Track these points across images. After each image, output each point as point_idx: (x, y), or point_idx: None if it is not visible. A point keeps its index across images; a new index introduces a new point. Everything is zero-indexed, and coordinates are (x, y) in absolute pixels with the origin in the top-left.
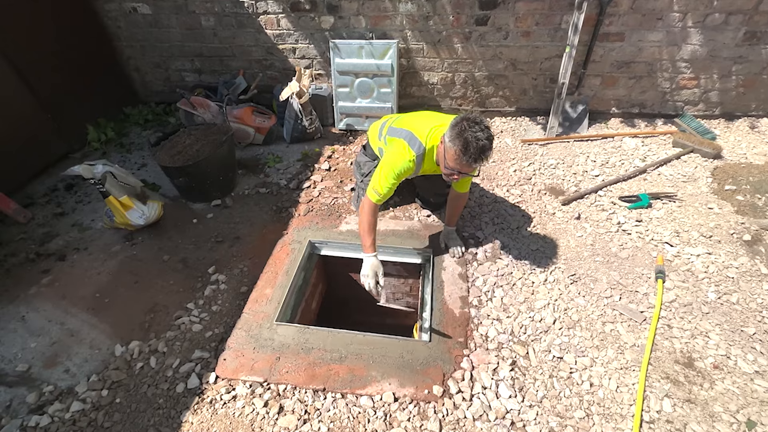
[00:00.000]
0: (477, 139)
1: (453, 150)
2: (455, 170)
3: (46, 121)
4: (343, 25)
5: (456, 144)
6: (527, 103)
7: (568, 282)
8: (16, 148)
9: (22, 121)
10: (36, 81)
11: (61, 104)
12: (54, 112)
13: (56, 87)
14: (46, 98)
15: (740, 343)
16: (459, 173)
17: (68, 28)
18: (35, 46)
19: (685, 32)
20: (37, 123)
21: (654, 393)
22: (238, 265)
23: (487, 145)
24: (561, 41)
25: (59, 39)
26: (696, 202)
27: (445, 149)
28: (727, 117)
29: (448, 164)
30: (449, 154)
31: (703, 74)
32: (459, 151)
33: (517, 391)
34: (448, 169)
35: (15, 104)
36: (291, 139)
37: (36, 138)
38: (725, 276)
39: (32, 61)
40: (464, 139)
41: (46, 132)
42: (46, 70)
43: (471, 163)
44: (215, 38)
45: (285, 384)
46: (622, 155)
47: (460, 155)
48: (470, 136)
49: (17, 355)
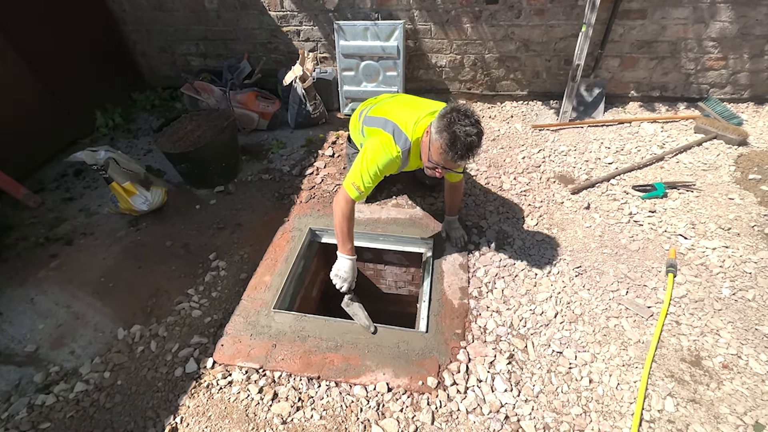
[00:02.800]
0: (466, 134)
1: (439, 143)
2: (439, 165)
3: (56, 108)
4: (347, 5)
5: (443, 137)
6: (540, 86)
7: (573, 274)
8: (26, 134)
9: (32, 108)
10: (45, 69)
11: (70, 90)
12: (63, 98)
13: (64, 73)
14: (55, 85)
15: (753, 342)
16: (443, 168)
17: (75, 15)
18: (44, 35)
19: (714, 8)
20: (46, 110)
21: (656, 391)
22: (238, 251)
23: (476, 141)
24: (577, 20)
25: (67, 26)
26: (716, 192)
27: (431, 141)
28: (757, 101)
29: (432, 157)
30: (434, 147)
31: (732, 54)
32: (445, 145)
33: (513, 385)
34: (432, 162)
35: (25, 92)
36: (295, 124)
37: (46, 124)
38: (742, 271)
39: (41, 50)
40: (452, 132)
41: (55, 118)
42: (55, 57)
43: (457, 159)
44: (219, 21)
45: (280, 371)
46: (639, 142)
47: (446, 149)
48: (459, 129)
49: (26, 336)
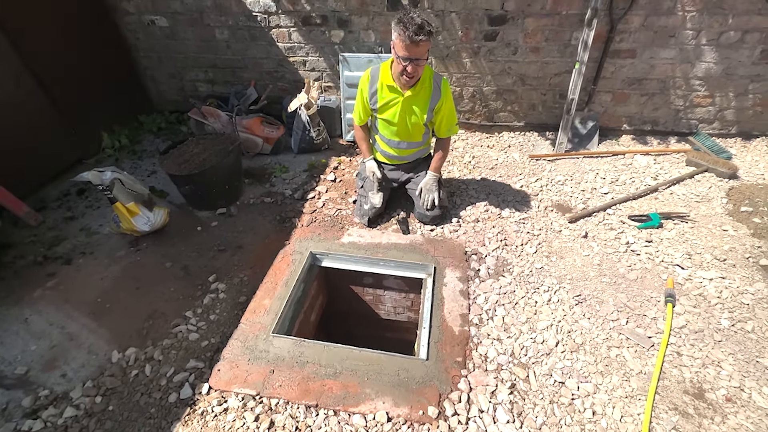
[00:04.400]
0: (411, 18)
1: (396, 35)
2: (406, 58)
3: (63, 128)
4: (352, 39)
5: (397, 28)
6: (536, 118)
7: (573, 303)
8: (32, 152)
9: (40, 127)
10: (58, 92)
11: (78, 111)
12: (71, 119)
13: (75, 95)
14: (64, 106)
15: (755, 375)
16: (410, 60)
17: (89, 42)
18: (58, 58)
19: (698, 50)
20: (55, 131)
21: (661, 425)
22: (238, 274)
23: (422, 22)
24: (571, 57)
25: (81, 52)
26: (710, 223)
27: (393, 42)
28: (744, 136)
29: (398, 54)
30: (396, 44)
31: (718, 92)
32: (401, 33)
33: (515, 417)
34: (399, 59)
35: (35, 112)
36: (298, 149)
37: (53, 144)
38: (740, 302)
39: (54, 72)
40: (401, 21)
41: (62, 138)
42: (68, 81)
43: (413, 37)
44: (228, 50)
45: (278, 398)
46: (633, 173)
47: (402, 35)
48: (405, 17)
49: (17, 357)
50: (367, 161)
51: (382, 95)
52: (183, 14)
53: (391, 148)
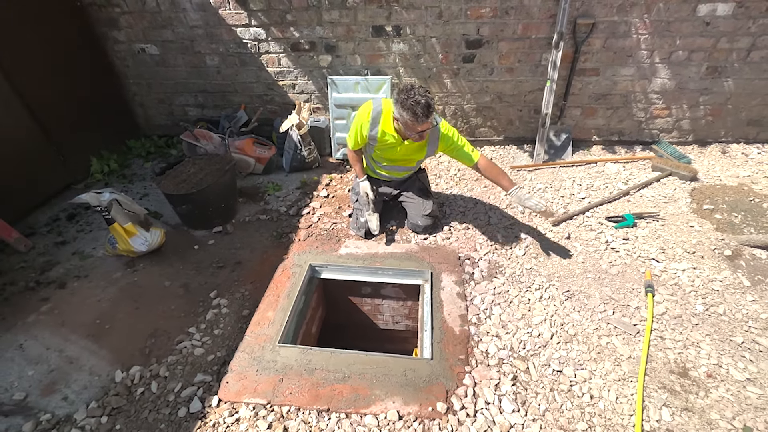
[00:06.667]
0: (416, 102)
1: (405, 119)
2: (418, 132)
3: (53, 154)
4: (340, 63)
5: (406, 114)
6: (514, 132)
7: (563, 298)
8: (21, 178)
9: (30, 154)
10: (46, 118)
11: (68, 138)
12: (60, 145)
13: (64, 122)
14: (53, 132)
15: (730, 352)
16: (422, 132)
17: (78, 68)
18: (47, 85)
19: (653, 67)
20: (44, 156)
21: (653, 403)
22: (239, 289)
23: (426, 101)
24: (542, 76)
25: (70, 78)
26: (678, 220)
27: (401, 121)
28: (700, 143)
29: (410, 130)
30: (405, 124)
31: (674, 105)
32: (412, 118)
33: (519, 406)
34: (412, 132)
35: (24, 138)
36: (290, 168)
37: (41, 169)
38: (711, 289)
39: (44, 99)
40: (408, 108)
41: (51, 164)
42: (57, 106)
43: (424, 120)
44: (219, 75)
45: (289, 405)
46: (606, 179)
47: (414, 120)
48: (409, 101)
49: (14, 383)
50: (362, 182)
51: (382, 138)
52: (174, 42)
53: (384, 170)
